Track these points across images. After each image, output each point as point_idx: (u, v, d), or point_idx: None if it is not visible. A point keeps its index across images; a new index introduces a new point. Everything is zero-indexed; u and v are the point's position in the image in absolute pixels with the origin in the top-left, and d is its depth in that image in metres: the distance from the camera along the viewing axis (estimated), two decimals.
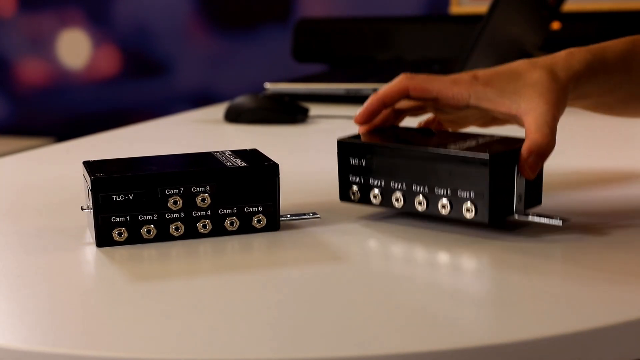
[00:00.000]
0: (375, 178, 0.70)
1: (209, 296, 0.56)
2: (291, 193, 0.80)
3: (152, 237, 0.67)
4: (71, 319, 0.54)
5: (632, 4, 2.04)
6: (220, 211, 0.68)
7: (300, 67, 2.15)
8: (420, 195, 0.67)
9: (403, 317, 0.52)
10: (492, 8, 1.38)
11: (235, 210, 0.68)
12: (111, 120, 2.60)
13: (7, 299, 0.59)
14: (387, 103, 0.72)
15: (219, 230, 0.68)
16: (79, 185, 0.72)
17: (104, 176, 0.66)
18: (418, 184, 0.67)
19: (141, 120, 1.66)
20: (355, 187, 0.71)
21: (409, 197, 0.68)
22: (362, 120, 0.73)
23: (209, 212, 0.68)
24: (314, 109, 1.46)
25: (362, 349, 0.47)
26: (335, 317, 0.52)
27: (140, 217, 0.66)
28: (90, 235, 0.69)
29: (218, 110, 1.49)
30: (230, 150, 0.75)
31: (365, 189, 0.71)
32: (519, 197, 0.66)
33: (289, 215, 0.72)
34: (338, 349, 0.47)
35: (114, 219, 0.66)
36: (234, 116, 1.34)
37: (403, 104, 0.75)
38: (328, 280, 0.59)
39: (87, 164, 0.70)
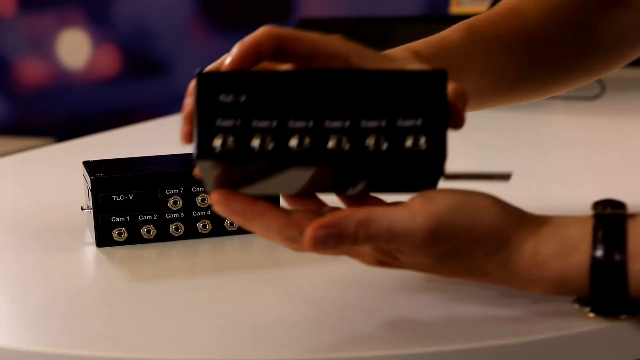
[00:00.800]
0: (262, 118, 0.48)
1: (209, 296, 0.56)
2: None
3: (152, 237, 0.67)
4: (71, 319, 0.54)
5: None
6: None
7: None
8: (338, 132, 0.48)
9: (403, 318, 0.52)
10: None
11: None
12: (111, 120, 2.60)
13: (7, 299, 0.59)
14: (261, 52, 0.53)
15: (219, 230, 0.68)
16: (79, 185, 0.72)
17: (104, 176, 0.66)
18: (334, 117, 0.48)
19: (141, 120, 1.66)
20: (225, 135, 0.48)
21: (318, 137, 0.48)
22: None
23: (208, 212, 0.68)
24: None
25: (361, 349, 0.47)
26: (335, 317, 0.52)
27: (140, 217, 0.66)
28: (90, 235, 0.69)
29: None
30: None
31: (244, 135, 0.48)
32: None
33: None
34: (338, 349, 0.47)
35: (114, 219, 0.66)
36: None
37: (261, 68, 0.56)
38: (328, 280, 0.59)
39: (87, 164, 0.70)
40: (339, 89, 0.49)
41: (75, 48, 2.66)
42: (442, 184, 0.50)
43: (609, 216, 0.49)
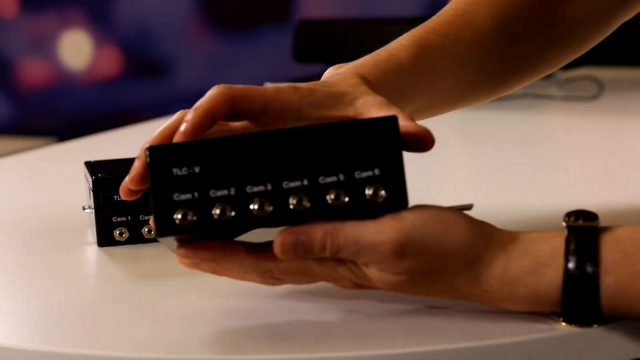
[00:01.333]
0: (219, 187, 0.48)
1: (209, 295, 0.56)
2: None
3: (153, 236, 0.66)
4: (72, 318, 0.54)
5: None
6: None
7: (300, 67, 2.15)
8: (298, 191, 0.48)
9: (401, 317, 0.52)
10: None
11: None
12: (112, 121, 2.60)
13: (10, 299, 0.59)
14: (215, 117, 0.53)
15: None
16: (81, 185, 0.73)
17: (105, 176, 0.66)
18: (291, 178, 0.49)
19: (142, 120, 1.66)
20: (184, 209, 0.48)
21: (278, 199, 0.48)
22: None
23: None
24: None
25: (361, 348, 0.48)
26: (334, 316, 0.52)
27: (141, 217, 0.67)
28: (91, 235, 0.69)
29: None
30: None
31: (204, 207, 0.48)
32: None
33: None
34: (337, 348, 0.48)
35: (115, 219, 0.66)
36: None
37: (215, 128, 0.56)
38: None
39: (88, 164, 0.70)
40: (293, 148, 0.49)
41: (76, 49, 2.67)
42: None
43: (581, 228, 0.49)
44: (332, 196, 0.48)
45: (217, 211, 0.48)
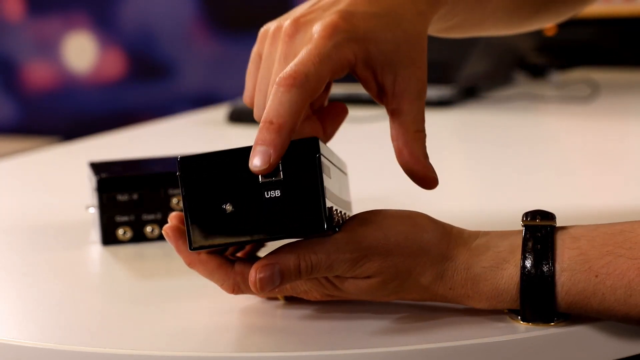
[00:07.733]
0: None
1: (212, 294, 0.56)
2: None
3: (155, 236, 0.68)
4: (77, 316, 0.55)
5: (625, 9, 2.05)
6: None
7: None
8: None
9: (397, 317, 0.52)
10: None
11: None
12: (116, 122, 2.61)
13: (14, 297, 0.60)
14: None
15: None
16: (85, 185, 0.74)
17: (109, 176, 0.67)
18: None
19: (145, 121, 1.67)
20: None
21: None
22: None
23: None
24: None
25: (359, 347, 0.48)
26: (331, 316, 0.53)
27: (144, 217, 0.68)
28: (95, 234, 0.70)
29: (221, 112, 1.51)
30: None
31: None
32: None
33: None
34: (335, 346, 0.48)
35: (118, 219, 0.67)
36: (236, 117, 1.36)
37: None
38: None
39: (92, 164, 0.71)
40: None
41: (81, 51, 2.68)
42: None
43: (538, 227, 0.49)
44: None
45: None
